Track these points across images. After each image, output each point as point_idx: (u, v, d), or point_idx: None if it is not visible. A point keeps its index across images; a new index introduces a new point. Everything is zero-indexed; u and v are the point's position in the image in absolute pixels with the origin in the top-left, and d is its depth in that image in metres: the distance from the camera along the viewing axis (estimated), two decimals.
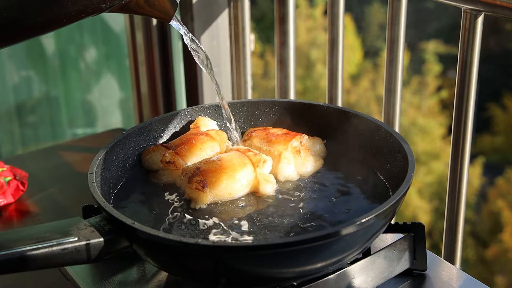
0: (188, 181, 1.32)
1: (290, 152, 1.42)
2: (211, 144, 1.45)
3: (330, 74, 1.80)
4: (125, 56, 2.83)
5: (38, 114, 2.99)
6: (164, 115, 1.53)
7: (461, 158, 1.52)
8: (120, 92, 3.09)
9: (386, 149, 1.39)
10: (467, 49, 1.45)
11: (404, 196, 1.20)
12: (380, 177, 1.38)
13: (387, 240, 1.42)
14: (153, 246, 1.11)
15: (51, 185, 1.83)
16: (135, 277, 1.30)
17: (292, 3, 1.91)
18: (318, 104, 1.53)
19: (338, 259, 1.14)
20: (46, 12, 1.03)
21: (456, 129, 1.51)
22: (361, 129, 1.46)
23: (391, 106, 1.67)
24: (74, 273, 1.32)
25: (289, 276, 1.15)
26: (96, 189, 1.22)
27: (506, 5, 1.35)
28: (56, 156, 2.01)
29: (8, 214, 1.69)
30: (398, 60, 1.62)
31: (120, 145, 1.42)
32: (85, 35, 2.99)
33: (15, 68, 2.91)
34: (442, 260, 1.40)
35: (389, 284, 1.29)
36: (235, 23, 2.10)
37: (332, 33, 1.76)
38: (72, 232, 1.11)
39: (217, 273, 1.11)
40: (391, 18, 1.60)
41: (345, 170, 1.42)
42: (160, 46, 2.25)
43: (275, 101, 1.57)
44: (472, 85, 1.46)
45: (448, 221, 1.57)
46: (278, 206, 1.29)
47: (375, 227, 1.15)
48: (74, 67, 3.02)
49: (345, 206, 1.29)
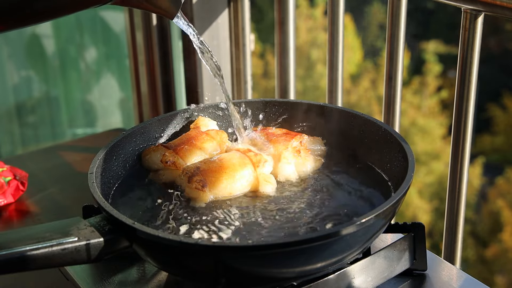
0: (188, 180, 1.32)
1: (290, 152, 1.42)
2: (211, 144, 1.45)
3: (330, 74, 1.80)
4: (125, 56, 2.83)
5: (38, 114, 2.99)
6: (164, 115, 1.53)
7: (461, 158, 1.52)
8: (120, 92, 3.09)
9: (386, 149, 1.39)
10: (467, 49, 1.45)
11: (404, 196, 1.20)
12: (380, 177, 1.38)
13: (387, 240, 1.42)
14: (153, 246, 1.11)
15: (51, 185, 1.83)
16: (135, 277, 1.30)
17: (292, 3, 1.91)
18: (318, 104, 1.53)
19: (338, 259, 1.14)
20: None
21: (456, 129, 1.51)
22: (361, 129, 1.46)
23: (391, 106, 1.67)
24: (74, 273, 1.32)
25: (289, 276, 1.15)
26: (96, 189, 1.22)
27: (506, 5, 1.35)
28: (56, 156, 2.01)
29: (8, 214, 1.69)
30: (398, 60, 1.62)
31: (120, 145, 1.42)
32: (85, 35, 2.99)
33: (15, 68, 2.91)
34: (442, 260, 1.40)
35: (389, 284, 1.29)
36: (235, 23, 2.10)
37: (332, 33, 1.76)
38: (72, 232, 1.11)
39: (217, 273, 1.11)
40: (391, 18, 1.60)
41: (345, 170, 1.42)
42: (160, 46, 2.24)
43: (275, 101, 1.57)
44: (472, 85, 1.46)
45: (448, 221, 1.57)
46: (278, 206, 1.29)
47: (375, 227, 1.15)
48: (74, 67, 3.02)
49: (345, 206, 1.29)
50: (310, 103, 1.54)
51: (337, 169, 1.43)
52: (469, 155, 1.52)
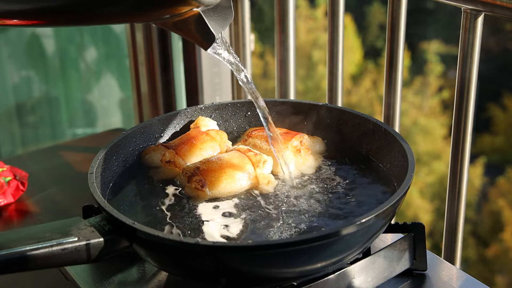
0: (188, 180, 1.32)
1: (290, 151, 1.41)
2: (211, 144, 1.45)
3: (330, 74, 1.80)
4: (125, 56, 2.83)
5: (38, 114, 2.99)
6: (164, 115, 1.53)
7: (461, 158, 1.52)
8: (120, 92, 3.09)
9: (386, 149, 1.39)
10: (467, 49, 1.45)
11: (404, 196, 1.20)
12: (380, 177, 1.38)
13: (387, 240, 1.42)
14: (153, 246, 1.11)
15: (51, 185, 1.83)
16: (135, 277, 1.30)
17: (292, 3, 1.91)
18: (318, 104, 1.53)
19: (338, 259, 1.14)
20: None
21: (456, 129, 1.51)
22: (361, 129, 1.46)
23: (391, 106, 1.67)
24: (74, 273, 1.32)
25: (289, 276, 1.15)
26: (96, 189, 1.22)
27: (506, 5, 1.35)
28: (56, 156, 2.01)
29: (8, 214, 1.69)
30: (398, 60, 1.62)
31: (120, 145, 1.42)
32: (85, 35, 2.99)
33: (15, 68, 2.91)
34: (442, 260, 1.40)
35: (389, 284, 1.29)
36: (235, 23, 2.10)
37: (332, 33, 1.76)
38: (72, 232, 1.11)
39: (217, 273, 1.11)
40: (391, 18, 1.60)
41: (345, 170, 1.42)
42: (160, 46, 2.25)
43: (275, 101, 1.57)
44: (472, 85, 1.46)
45: (448, 221, 1.57)
46: (277, 206, 1.29)
47: (375, 227, 1.15)
48: (74, 67, 3.02)
49: (344, 205, 1.29)
50: (310, 103, 1.54)
51: (337, 168, 1.43)
52: (469, 155, 1.52)
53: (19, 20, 1.07)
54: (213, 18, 1.18)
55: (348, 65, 7.73)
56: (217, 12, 1.19)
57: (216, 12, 1.19)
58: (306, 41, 7.97)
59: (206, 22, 1.16)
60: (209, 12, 1.17)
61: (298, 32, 7.67)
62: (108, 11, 1.05)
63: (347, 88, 7.63)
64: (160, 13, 1.11)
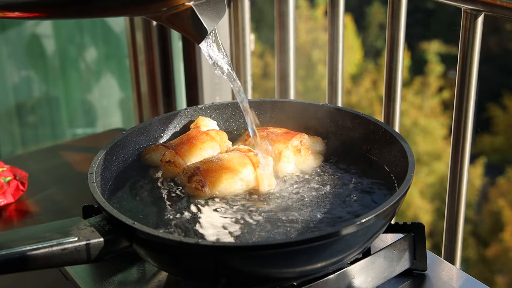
0: (188, 180, 1.32)
1: (290, 151, 1.42)
2: (211, 144, 1.45)
3: (330, 74, 1.80)
4: (125, 56, 2.83)
5: (38, 114, 2.99)
6: (164, 115, 1.53)
7: (461, 158, 1.52)
8: (120, 92, 3.09)
9: (386, 149, 1.39)
10: (467, 49, 1.45)
11: (404, 196, 1.20)
12: (380, 177, 1.38)
13: (387, 240, 1.42)
14: (153, 246, 1.11)
15: (51, 185, 1.83)
16: (135, 277, 1.30)
17: (292, 2, 1.91)
18: (318, 104, 1.53)
19: (338, 259, 1.14)
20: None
21: (456, 129, 1.51)
22: (361, 129, 1.46)
23: (391, 106, 1.67)
24: (74, 273, 1.32)
25: (289, 276, 1.15)
26: (96, 189, 1.22)
27: (506, 5, 1.35)
28: (56, 156, 2.01)
29: (8, 214, 1.69)
30: (398, 60, 1.62)
31: (120, 145, 1.42)
32: (85, 35, 2.98)
33: (15, 68, 2.91)
34: (442, 260, 1.40)
35: (389, 284, 1.29)
36: (235, 23, 2.10)
37: (332, 33, 1.76)
38: (72, 232, 1.11)
39: (217, 273, 1.11)
40: (391, 18, 1.60)
41: (345, 170, 1.42)
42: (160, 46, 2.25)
43: (275, 101, 1.57)
44: (472, 85, 1.46)
45: (448, 221, 1.57)
46: (277, 206, 1.29)
47: (375, 227, 1.15)
48: (74, 67, 3.01)
49: (344, 205, 1.29)
50: (310, 103, 1.54)
51: (337, 168, 1.43)
52: (469, 155, 1.52)
53: (20, 13, 1.07)
54: (205, 12, 1.20)
55: (348, 65, 7.73)
56: (210, 6, 1.21)
57: (209, 6, 1.20)
58: (306, 41, 7.97)
59: (198, 16, 1.17)
60: (202, 6, 1.19)
61: (298, 32, 7.67)
62: (107, 3, 1.06)
63: (347, 88, 7.63)
64: (157, 6, 1.13)
